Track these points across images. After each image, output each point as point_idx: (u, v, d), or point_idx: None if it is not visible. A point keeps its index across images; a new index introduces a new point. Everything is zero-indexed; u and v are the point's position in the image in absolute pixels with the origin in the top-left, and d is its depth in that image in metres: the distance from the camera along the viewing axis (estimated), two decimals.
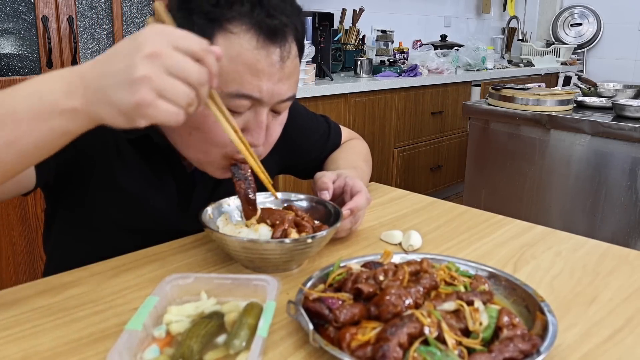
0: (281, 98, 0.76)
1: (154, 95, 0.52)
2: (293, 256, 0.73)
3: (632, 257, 0.83)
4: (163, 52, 0.52)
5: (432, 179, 3.48)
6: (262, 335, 0.52)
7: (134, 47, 0.52)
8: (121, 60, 0.52)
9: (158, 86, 0.52)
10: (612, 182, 1.94)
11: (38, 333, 0.60)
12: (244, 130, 0.76)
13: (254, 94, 0.73)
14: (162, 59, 0.52)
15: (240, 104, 0.73)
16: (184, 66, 0.53)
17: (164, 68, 0.52)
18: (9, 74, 1.87)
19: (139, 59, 0.51)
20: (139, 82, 0.51)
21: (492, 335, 0.55)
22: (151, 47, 0.51)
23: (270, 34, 0.72)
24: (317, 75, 2.82)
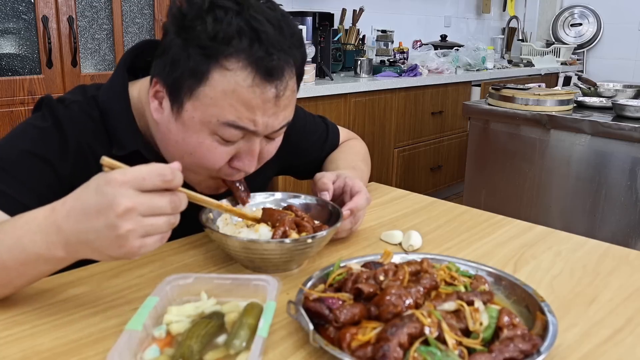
0: (275, 129, 0.77)
1: (140, 239, 0.56)
2: (293, 256, 0.73)
3: (632, 257, 0.83)
4: (134, 203, 0.55)
5: (432, 179, 3.48)
6: (262, 336, 0.52)
7: (104, 205, 0.55)
8: (96, 218, 0.55)
9: (142, 232, 0.56)
10: (612, 182, 1.93)
11: (38, 333, 0.60)
12: (235, 157, 0.78)
13: (249, 126, 0.74)
14: (137, 209, 0.55)
15: (234, 134, 0.74)
16: (158, 205, 0.56)
17: (141, 216, 0.55)
18: (9, 74, 1.87)
19: (115, 218, 0.54)
20: (123, 237, 0.55)
21: (493, 335, 0.55)
22: (123, 204, 0.54)
23: (267, 74, 0.71)
24: (317, 75, 2.82)
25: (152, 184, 0.56)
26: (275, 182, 2.39)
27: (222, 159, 0.77)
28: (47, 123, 0.80)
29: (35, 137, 0.79)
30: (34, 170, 0.77)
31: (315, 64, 2.75)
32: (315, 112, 2.54)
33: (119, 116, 0.83)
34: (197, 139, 0.74)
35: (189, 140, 0.75)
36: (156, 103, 0.78)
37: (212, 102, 0.72)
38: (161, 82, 0.76)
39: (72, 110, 0.82)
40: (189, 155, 0.77)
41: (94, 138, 0.82)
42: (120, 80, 0.85)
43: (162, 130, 0.79)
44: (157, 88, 0.77)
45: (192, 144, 0.75)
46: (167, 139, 0.78)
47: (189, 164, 0.77)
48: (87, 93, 0.85)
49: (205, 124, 0.73)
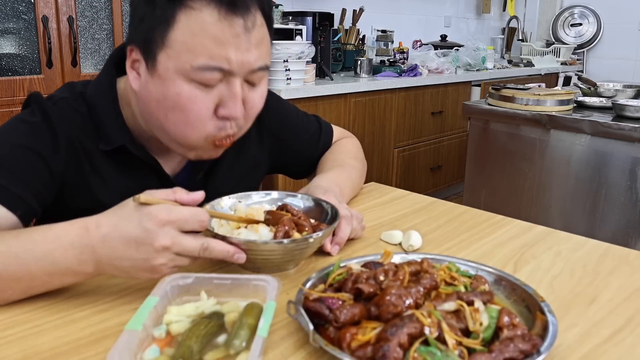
0: (251, 67, 0.75)
1: (170, 271, 0.64)
2: (294, 256, 0.73)
3: (632, 257, 0.83)
4: (172, 243, 0.62)
5: (432, 179, 3.48)
6: (262, 335, 0.52)
7: (147, 241, 0.61)
8: (136, 250, 0.62)
9: (171, 265, 0.64)
10: (612, 182, 1.93)
11: (38, 333, 0.60)
12: (219, 105, 0.76)
13: (223, 65, 0.72)
14: (172, 248, 0.62)
15: (211, 77, 0.73)
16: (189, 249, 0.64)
17: (175, 254, 0.63)
18: (9, 74, 1.87)
19: (153, 252, 0.62)
20: (157, 269, 0.63)
21: (493, 335, 0.55)
22: (162, 242, 0.61)
23: (231, 5, 0.71)
24: (317, 75, 2.82)
25: (191, 226, 0.63)
26: (275, 182, 2.39)
27: (205, 107, 0.75)
28: (37, 118, 0.80)
29: (26, 131, 0.79)
30: (27, 163, 0.77)
31: (315, 64, 2.75)
32: (315, 112, 2.55)
33: (106, 111, 0.84)
34: (175, 89, 0.73)
35: (168, 92, 0.74)
36: (134, 73, 0.78)
37: (184, 47, 0.72)
38: (135, 46, 0.77)
39: (61, 106, 0.83)
40: (172, 110, 0.75)
41: (82, 133, 0.83)
42: (108, 75, 0.86)
43: (142, 97, 0.78)
44: (132, 56, 0.78)
45: (172, 96, 0.74)
46: (149, 104, 0.77)
47: (175, 125, 0.76)
48: (75, 90, 0.86)
49: (181, 72, 0.73)
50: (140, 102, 0.81)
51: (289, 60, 2.48)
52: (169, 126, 0.77)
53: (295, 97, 2.39)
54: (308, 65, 2.62)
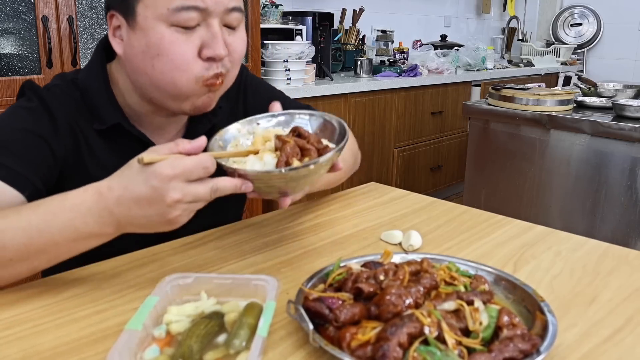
0: (226, 6, 0.77)
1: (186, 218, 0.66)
2: (299, 182, 0.72)
3: (632, 257, 0.83)
4: (183, 195, 0.63)
5: (432, 179, 3.48)
6: (262, 335, 0.52)
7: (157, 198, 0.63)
8: (149, 208, 0.64)
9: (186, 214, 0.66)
10: (612, 182, 1.93)
11: (38, 333, 0.60)
12: (203, 47, 0.77)
13: (198, 4, 0.75)
14: (184, 200, 0.63)
15: (188, 17, 0.75)
16: (200, 195, 0.65)
17: (187, 204, 0.64)
18: (9, 74, 1.87)
19: (165, 207, 0.63)
20: (172, 220, 0.65)
21: (492, 335, 0.55)
22: (172, 197, 0.62)
23: None
24: (317, 75, 2.82)
25: (197, 175, 0.64)
26: None
27: (188, 48, 0.76)
28: (34, 103, 0.82)
29: (26, 116, 0.81)
30: (31, 145, 0.79)
31: (315, 64, 2.75)
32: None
33: (99, 92, 0.86)
34: (156, 36, 0.75)
35: (151, 41, 0.76)
36: (117, 40, 0.81)
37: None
38: (114, 11, 0.79)
39: (54, 92, 0.85)
40: (157, 57, 0.76)
41: (78, 115, 0.85)
42: (98, 60, 0.87)
43: (128, 57, 0.80)
44: (113, 23, 0.80)
45: (155, 43, 0.76)
46: (135, 60, 0.79)
47: (163, 73, 0.77)
48: (66, 77, 0.88)
49: (159, 17, 0.75)
50: (127, 65, 0.82)
51: (289, 60, 2.48)
52: (157, 76, 0.78)
53: (295, 97, 2.39)
54: (308, 65, 2.62)
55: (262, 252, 0.83)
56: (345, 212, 1.01)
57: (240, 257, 0.81)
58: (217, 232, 0.90)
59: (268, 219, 0.96)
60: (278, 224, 0.94)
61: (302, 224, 0.94)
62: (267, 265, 0.78)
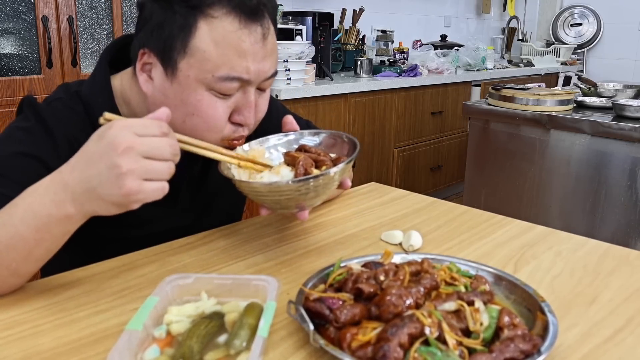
0: (266, 76, 0.79)
1: (140, 181, 0.58)
2: (318, 192, 0.72)
3: (632, 257, 0.83)
4: (134, 142, 0.57)
5: (432, 179, 3.48)
6: (263, 336, 0.52)
7: (106, 147, 0.58)
8: (99, 161, 0.58)
9: (141, 173, 0.58)
10: (612, 182, 1.93)
11: (38, 333, 0.60)
12: (235, 111, 0.79)
13: (243, 75, 0.75)
14: (137, 148, 0.57)
15: (230, 87, 0.76)
16: (156, 146, 0.59)
17: (140, 156, 0.57)
18: (9, 74, 1.87)
19: (115, 156, 0.57)
20: (123, 176, 0.57)
21: (493, 335, 0.55)
22: (124, 143, 0.57)
23: (250, 14, 0.74)
24: (317, 75, 2.82)
25: (151, 131, 0.59)
26: None
27: (223, 113, 0.77)
28: (31, 122, 0.80)
29: (22, 138, 0.79)
30: (28, 169, 0.77)
31: (315, 64, 2.75)
32: (315, 112, 2.55)
33: (103, 107, 0.82)
34: (196, 97, 0.75)
35: (188, 99, 0.76)
36: (144, 76, 0.79)
37: (206, 56, 0.73)
38: (150, 50, 0.77)
39: (55, 107, 0.83)
40: (191, 116, 0.77)
41: (79, 131, 0.82)
42: (102, 73, 0.86)
43: (157, 102, 0.79)
44: (144, 59, 0.78)
45: (192, 103, 0.76)
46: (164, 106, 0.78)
47: (192, 129, 0.77)
48: (70, 90, 0.86)
49: (202, 81, 0.75)
50: (153, 106, 0.79)
51: (289, 60, 2.48)
52: (185, 130, 0.77)
53: (295, 97, 2.39)
54: (308, 65, 2.62)
55: (263, 252, 0.83)
56: (345, 212, 1.01)
57: (240, 257, 0.81)
58: (217, 232, 0.90)
59: (268, 219, 0.96)
60: (278, 224, 0.94)
61: (302, 224, 0.94)
62: (267, 266, 0.78)
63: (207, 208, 0.94)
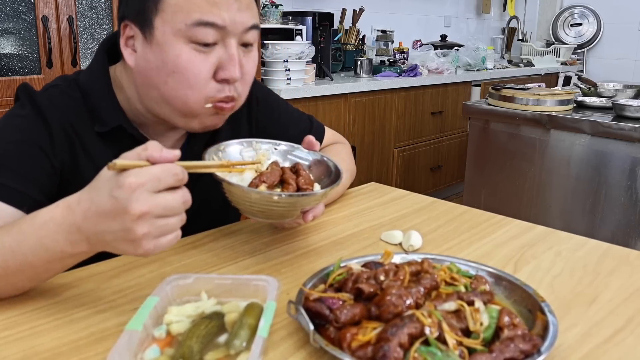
0: (245, 26, 0.77)
1: (156, 240, 0.58)
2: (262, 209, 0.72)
3: (632, 257, 0.83)
4: (149, 207, 0.56)
5: (432, 179, 3.48)
6: (263, 336, 0.52)
7: (119, 210, 0.56)
8: (113, 221, 0.57)
9: (156, 234, 0.57)
10: (612, 182, 1.93)
11: (38, 333, 0.60)
12: (218, 68, 0.77)
13: (217, 20, 0.74)
14: (151, 213, 0.56)
15: (206, 33, 0.75)
16: (171, 206, 0.58)
17: (154, 218, 0.56)
18: (9, 74, 1.87)
19: (130, 222, 0.56)
20: (139, 241, 0.57)
21: (493, 335, 0.55)
22: (137, 208, 0.55)
23: None
24: (317, 75, 2.82)
25: (165, 184, 0.57)
26: None
27: (204, 68, 0.76)
28: (26, 110, 0.80)
29: (19, 125, 0.79)
30: (26, 157, 0.77)
31: (315, 64, 2.75)
32: (315, 112, 2.55)
33: (100, 94, 0.84)
34: (174, 52, 0.75)
35: (167, 57, 0.75)
36: (129, 50, 0.80)
37: (177, 8, 0.74)
38: (129, 21, 0.78)
39: (52, 94, 0.83)
40: (172, 75, 0.76)
41: (76, 117, 0.83)
42: (100, 62, 0.86)
43: (140, 70, 0.79)
44: (127, 33, 0.79)
45: (172, 60, 0.75)
46: (148, 74, 0.78)
47: (175, 90, 0.77)
48: (67, 78, 0.87)
49: (177, 33, 0.74)
50: (138, 77, 0.81)
51: (289, 60, 2.48)
52: (169, 92, 0.77)
53: (295, 97, 2.39)
54: (308, 65, 2.62)
55: (262, 252, 0.83)
56: (345, 212, 1.01)
57: (240, 257, 0.81)
58: (217, 232, 0.90)
59: None
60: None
61: (302, 224, 0.94)
62: (267, 266, 0.78)
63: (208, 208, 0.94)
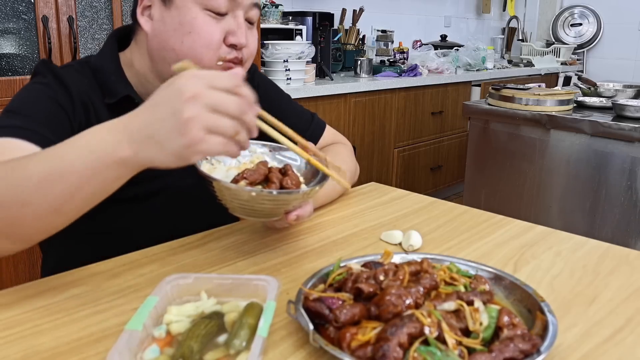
0: (252, 1, 0.87)
1: (203, 132, 0.55)
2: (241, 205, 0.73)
3: (632, 257, 0.83)
4: (202, 92, 0.55)
5: (432, 179, 3.48)
6: (262, 335, 0.52)
7: (173, 93, 0.56)
8: (164, 107, 0.56)
9: (205, 123, 0.55)
10: (612, 182, 1.93)
11: (38, 333, 0.60)
12: (228, 34, 0.86)
13: None
14: (203, 98, 0.55)
15: (219, 3, 0.84)
16: (224, 101, 0.56)
17: (206, 106, 0.55)
18: (9, 74, 1.87)
19: (181, 103, 0.55)
20: (187, 123, 0.55)
21: (493, 335, 0.55)
22: (191, 90, 0.55)
23: None
24: (317, 75, 2.82)
25: (221, 83, 0.57)
26: None
27: (217, 32, 0.84)
28: (48, 79, 0.86)
29: (42, 89, 0.85)
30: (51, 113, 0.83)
31: (315, 64, 2.75)
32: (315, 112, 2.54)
33: (109, 71, 0.91)
34: (192, 15, 0.83)
35: (185, 19, 0.84)
36: (145, 18, 0.88)
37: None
38: None
39: (68, 70, 0.89)
40: (188, 35, 0.84)
41: (89, 89, 0.89)
42: (109, 46, 0.94)
43: (157, 33, 0.86)
44: (144, 3, 0.87)
45: (189, 22, 0.84)
46: (164, 36, 0.85)
47: (190, 49, 0.84)
48: (79, 61, 0.95)
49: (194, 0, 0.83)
50: (154, 41, 0.87)
51: (289, 60, 2.48)
52: (185, 51, 0.84)
53: (295, 97, 2.39)
54: (308, 65, 2.62)
55: (262, 252, 0.83)
56: (345, 212, 1.01)
57: (240, 257, 0.81)
58: (217, 232, 0.90)
59: None
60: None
61: (302, 224, 0.94)
62: (267, 265, 0.78)
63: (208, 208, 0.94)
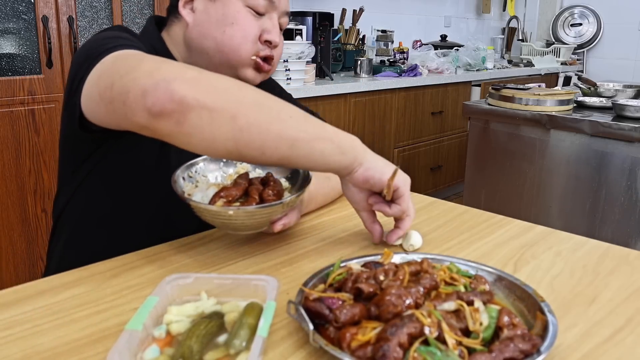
0: (286, 9, 0.98)
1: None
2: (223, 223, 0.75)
3: (632, 257, 0.83)
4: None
5: (432, 179, 3.48)
6: (262, 335, 0.52)
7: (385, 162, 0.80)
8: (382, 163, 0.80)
9: None
10: (612, 182, 1.94)
11: (38, 333, 0.60)
12: (264, 32, 0.95)
13: None
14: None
15: (259, 3, 0.93)
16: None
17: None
18: (9, 74, 1.87)
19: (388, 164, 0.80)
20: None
21: (493, 335, 0.55)
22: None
23: None
24: (317, 75, 2.82)
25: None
26: None
27: (255, 27, 0.94)
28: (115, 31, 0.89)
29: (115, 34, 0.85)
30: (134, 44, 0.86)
31: (315, 64, 2.75)
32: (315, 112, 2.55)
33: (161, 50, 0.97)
34: (235, 8, 0.93)
35: (229, 11, 0.93)
36: (187, 10, 0.95)
37: None
38: None
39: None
40: (230, 26, 0.92)
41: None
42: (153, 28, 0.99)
43: (199, 23, 0.94)
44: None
45: (232, 14, 0.93)
46: (206, 25, 0.93)
47: (230, 39, 0.92)
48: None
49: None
50: (194, 31, 0.94)
51: (289, 60, 2.48)
52: (225, 41, 0.92)
53: (296, 97, 2.38)
54: (308, 65, 2.62)
55: (262, 252, 0.83)
56: (345, 212, 1.01)
57: (240, 257, 0.81)
58: (217, 232, 0.90)
59: None
60: None
61: (302, 224, 0.94)
62: (267, 265, 0.78)
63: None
